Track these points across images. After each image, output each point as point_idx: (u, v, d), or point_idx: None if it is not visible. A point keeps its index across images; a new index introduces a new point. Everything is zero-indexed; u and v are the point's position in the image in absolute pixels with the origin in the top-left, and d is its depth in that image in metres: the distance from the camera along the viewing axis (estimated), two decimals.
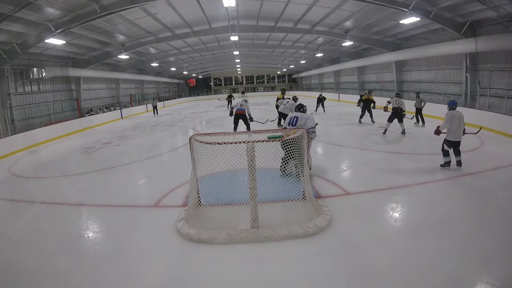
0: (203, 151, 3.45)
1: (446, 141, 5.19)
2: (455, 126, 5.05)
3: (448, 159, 5.21)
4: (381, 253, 2.84)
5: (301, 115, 5.00)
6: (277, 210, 3.49)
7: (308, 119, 4.93)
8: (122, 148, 8.81)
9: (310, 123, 4.87)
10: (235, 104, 8.97)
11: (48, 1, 8.61)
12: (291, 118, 5.04)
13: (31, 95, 14.07)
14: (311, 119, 4.94)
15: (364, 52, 20.00)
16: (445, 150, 5.20)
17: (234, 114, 8.77)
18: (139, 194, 4.94)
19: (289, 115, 5.25)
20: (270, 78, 43.78)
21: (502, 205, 3.80)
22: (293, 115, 5.07)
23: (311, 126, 4.85)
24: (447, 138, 5.16)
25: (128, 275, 2.70)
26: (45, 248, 3.26)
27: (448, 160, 5.22)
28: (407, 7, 9.71)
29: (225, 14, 12.68)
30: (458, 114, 5.07)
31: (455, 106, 5.17)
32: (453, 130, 5.06)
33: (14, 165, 7.43)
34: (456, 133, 5.07)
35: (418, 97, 10.08)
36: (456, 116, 5.05)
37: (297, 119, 4.91)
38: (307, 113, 5.18)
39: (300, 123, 4.84)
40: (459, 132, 5.07)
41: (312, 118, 5.01)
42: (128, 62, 20.79)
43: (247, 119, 8.81)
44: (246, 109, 8.72)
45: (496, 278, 2.42)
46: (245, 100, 9.03)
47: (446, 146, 5.18)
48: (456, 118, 5.05)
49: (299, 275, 2.60)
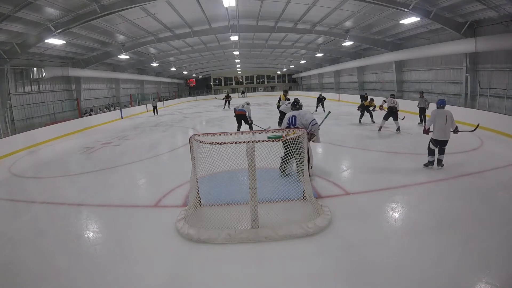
0: (203, 151, 3.44)
1: (431, 140, 5.15)
2: (439, 124, 4.97)
3: (432, 158, 5.18)
4: (381, 253, 2.84)
5: (298, 112, 4.93)
6: (277, 210, 3.48)
7: (306, 114, 4.87)
8: (122, 148, 8.81)
9: (309, 117, 4.80)
10: (238, 106, 9.23)
11: (48, 1, 8.61)
12: (289, 118, 4.96)
13: (31, 95, 14.07)
14: (308, 114, 4.88)
15: (364, 52, 20.00)
16: (431, 149, 5.16)
17: (235, 114, 9.03)
18: (139, 194, 4.94)
19: (286, 115, 5.16)
20: (270, 78, 43.78)
21: (502, 205, 3.80)
22: (291, 114, 4.98)
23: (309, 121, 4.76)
24: (432, 137, 5.12)
25: (128, 275, 2.70)
26: (45, 248, 3.26)
27: (432, 160, 5.18)
28: (407, 7, 9.71)
29: (225, 14, 12.68)
30: (444, 113, 4.96)
31: (442, 105, 5.09)
32: (438, 128, 5.00)
33: (14, 165, 7.43)
34: (441, 132, 4.99)
35: (422, 97, 10.06)
36: (442, 114, 4.97)
37: (295, 118, 4.86)
38: (303, 109, 5.11)
39: (300, 121, 4.79)
40: (445, 132, 4.97)
41: (308, 112, 4.95)
42: (128, 62, 20.79)
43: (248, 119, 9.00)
44: (248, 111, 8.94)
45: (496, 278, 2.42)
46: (247, 103, 9.22)
47: (432, 145, 5.13)
48: (441, 116, 4.96)
49: (299, 275, 2.60)
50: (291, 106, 5.30)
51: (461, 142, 7.27)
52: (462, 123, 9.95)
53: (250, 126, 9.04)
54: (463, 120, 10.06)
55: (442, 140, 5.02)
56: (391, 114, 8.91)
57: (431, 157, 5.19)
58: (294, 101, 5.28)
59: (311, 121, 4.74)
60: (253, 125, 9.24)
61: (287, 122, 4.93)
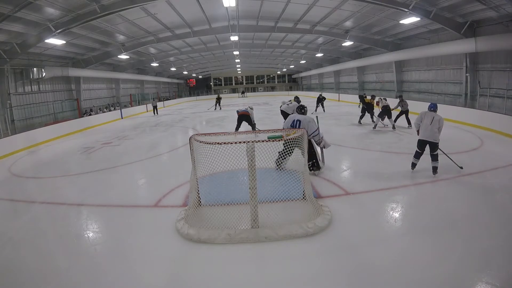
0: (203, 151, 3.44)
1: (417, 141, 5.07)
2: (424, 124, 4.89)
3: (415, 160, 5.08)
4: (381, 253, 2.84)
5: (304, 117, 5.00)
6: (277, 210, 3.48)
7: (310, 122, 4.92)
8: (122, 148, 8.81)
9: (312, 127, 4.87)
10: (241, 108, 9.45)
11: (48, 1, 8.61)
12: (294, 120, 5.00)
13: (31, 95, 14.07)
14: (312, 123, 4.93)
15: (364, 52, 20.00)
16: (416, 151, 5.07)
17: (238, 115, 9.13)
18: (139, 194, 4.94)
19: (290, 117, 5.23)
20: (270, 78, 43.79)
21: (502, 205, 3.80)
22: (295, 118, 5.03)
23: (312, 130, 4.85)
24: (418, 137, 5.04)
25: (128, 275, 2.70)
26: (45, 248, 3.26)
27: (414, 162, 5.09)
28: (407, 7, 9.71)
29: (225, 14, 12.68)
30: (432, 114, 4.88)
31: (432, 109, 4.99)
32: (423, 128, 4.92)
33: (14, 165, 7.43)
34: (424, 132, 4.88)
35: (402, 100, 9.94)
36: (429, 115, 4.89)
37: (300, 123, 4.90)
38: (309, 115, 5.17)
39: (303, 126, 4.83)
40: (429, 132, 4.82)
41: (313, 121, 5.00)
42: (128, 62, 20.79)
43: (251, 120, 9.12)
44: (251, 114, 9.12)
45: (496, 278, 2.42)
46: (251, 107, 9.38)
47: (418, 147, 5.02)
48: (427, 116, 4.89)
49: (299, 275, 2.60)
50: (296, 109, 5.33)
51: (461, 142, 7.27)
52: (462, 123, 9.97)
53: (253, 127, 9.15)
54: (463, 120, 10.08)
55: (426, 140, 4.86)
56: (386, 112, 9.38)
57: (414, 159, 5.10)
58: (300, 105, 5.31)
59: (313, 132, 4.83)
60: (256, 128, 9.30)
61: (291, 124, 4.97)
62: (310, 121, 4.95)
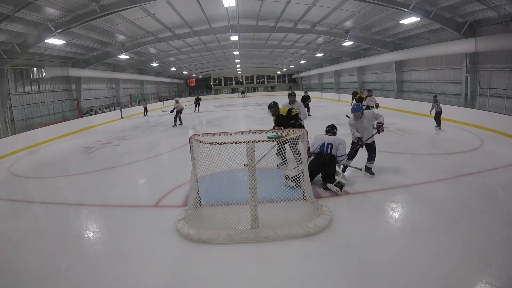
0: (203, 151, 3.44)
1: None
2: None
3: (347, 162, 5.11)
4: (381, 253, 2.84)
5: (334, 139, 4.51)
6: (277, 210, 3.48)
7: (341, 144, 4.49)
8: (122, 148, 8.81)
9: (341, 150, 4.47)
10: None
11: (48, 1, 8.61)
12: (323, 144, 4.50)
13: (31, 95, 14.06)
14: (343, 145, 4.50)
15: (364, 52, 20.00)
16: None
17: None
18: (139, 194, 4.94)
19: (318, 139, 4.64)
20: (270, 78, 43.78)
21: (502, 205, 3.80)
22: (326, 141, 4.51)
23: (341, 154, 4.48)
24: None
25: (128, 275, 2.70)
26: (45, 248, 3.26)
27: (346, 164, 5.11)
28: (407, 7, 9.71)
29: (225, 14, 12.68)
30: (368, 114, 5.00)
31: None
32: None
33: (14, 165, 7.43)
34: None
35: (436, 102, 9.30)
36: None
37: (332, 147, 4.44)
38: (339, 137, 4.66)
39: (334, 150, 4.46)
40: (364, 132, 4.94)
41: (344, 143, 4.54)
42: (128, 62, 20.79)
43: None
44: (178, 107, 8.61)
45: (496, 278, 2.42)
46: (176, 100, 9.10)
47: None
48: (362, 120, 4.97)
49: (299, 275, 2.60)
50: (326, 129, 4.74)
51: (461, 142, 7.27)
52: (462, 123, 9.97)
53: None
54: (463, 120, 10.07)
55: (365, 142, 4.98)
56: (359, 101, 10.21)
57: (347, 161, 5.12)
58: (330, 125, 4.74)
59: (341, 156, 4.49)
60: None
61: (320, 149, 4.53)
62: (342, 142, 4.50)
